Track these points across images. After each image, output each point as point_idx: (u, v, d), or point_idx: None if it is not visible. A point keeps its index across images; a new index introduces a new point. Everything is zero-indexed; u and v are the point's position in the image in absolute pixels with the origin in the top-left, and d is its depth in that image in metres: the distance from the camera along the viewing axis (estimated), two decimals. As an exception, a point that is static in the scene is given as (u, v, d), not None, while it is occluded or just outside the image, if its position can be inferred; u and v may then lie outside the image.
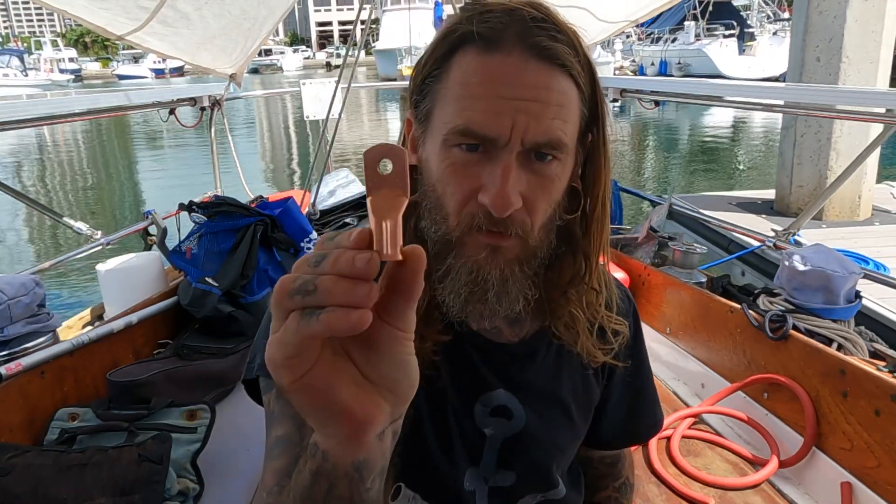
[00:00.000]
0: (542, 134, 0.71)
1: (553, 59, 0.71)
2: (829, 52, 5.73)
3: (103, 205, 11.96)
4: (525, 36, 0.71)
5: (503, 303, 0.77)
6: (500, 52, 0.71)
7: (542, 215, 0.75)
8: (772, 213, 6.33)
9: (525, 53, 0.70)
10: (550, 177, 0.74)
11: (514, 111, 0.70)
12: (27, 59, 58.73)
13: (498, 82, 0.70)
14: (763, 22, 33.28)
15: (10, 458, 1.67)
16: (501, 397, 0.87)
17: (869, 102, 2.87)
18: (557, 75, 0.72)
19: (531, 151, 0.72)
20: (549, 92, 0.71)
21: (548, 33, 0.71)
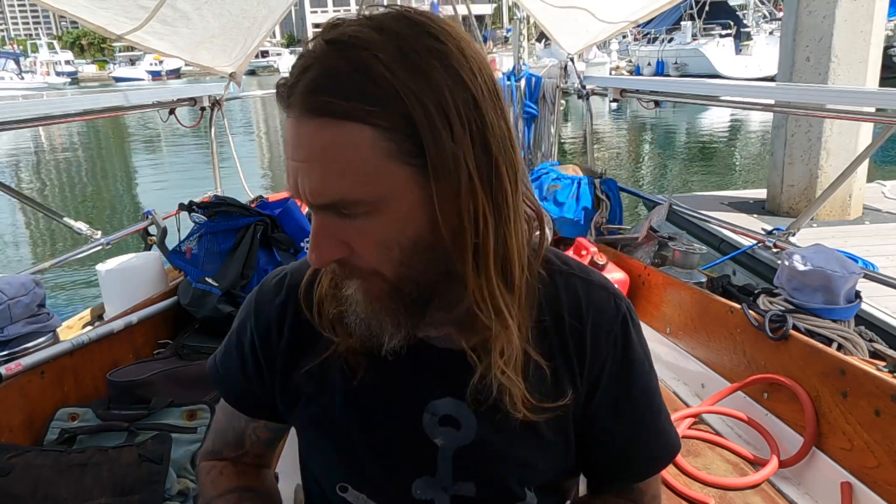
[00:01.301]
0: (319, 196, 0.69)
1: (324, 112, 0.66)
2: (818, 52, 5.76)
3: (102, 206, 11.95)
4: (302, 89, 0.66)
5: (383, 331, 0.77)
6: (287, 112, 0.69)
7: (382, 260, 0.73)
8: (763, 212, 6.34)
9: (299, 110, 0.67)
10: (365, 229, 0.71)
11: (295, 172, 0.69)
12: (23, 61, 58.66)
13: (287, 143, 0.70)
14: (759, 21, 33.34)
15: (10, 458, 1.67)
16: (448, 406, 0.84)
17: (859, 102, 2.88)
18: (329, 127, 0.66)
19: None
20: (319, 150, 0.67)
21: (323, 82, 0.66)
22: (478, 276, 0.74)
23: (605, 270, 3.03)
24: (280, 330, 0.90)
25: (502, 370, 0.77)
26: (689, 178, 12.11)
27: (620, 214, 3.81)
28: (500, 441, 0.84)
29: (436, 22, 0.70)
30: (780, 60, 6.23)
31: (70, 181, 14.53)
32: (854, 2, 5.59)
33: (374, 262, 0.73)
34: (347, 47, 0.66)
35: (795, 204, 6.12)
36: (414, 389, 0.85)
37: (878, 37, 5.79)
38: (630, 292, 3.06)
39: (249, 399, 0.97)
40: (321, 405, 0.89)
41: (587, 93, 4.38)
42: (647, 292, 2.95)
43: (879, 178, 7.31)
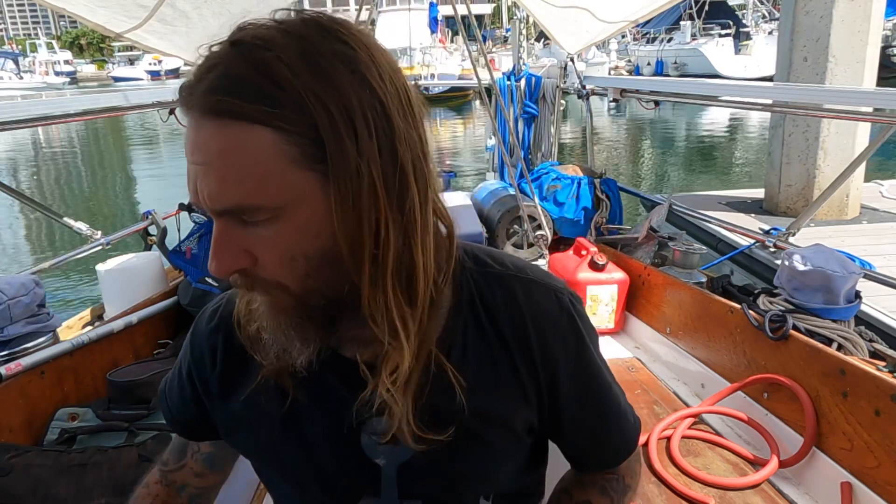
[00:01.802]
0: (218, 202, 0.65)
1: (224, 114, 0.62)
2: (815, 52, 5.77)
3: (102, 206, 11.94)
4: (204, 90, 0.63)
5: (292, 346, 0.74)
6: (187, 113, 0.66)
7: (286, 272, 0.69)
8: (761, 212, 6.34)
9: (199, 111, 0.64)
10: (268, 236, 0.67)
11: (194, 175, 0.66)
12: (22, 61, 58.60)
13: (186, 146, 0.66)
14: (759, 21, 33.33)
15: (10, 458, 1.67)
16: (382, 423, 0.79)
17: (857, 101, 2.89)
18: (229, 128, 0.63)
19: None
20: (217, 153, 0.64)
21: (224, 83, 0.63)
22: (374, 288, 0.70)
23: (604, 270, 3.03)
24: (213, 359, 0.88)
25: (388, 388, 0.74)
26: (688, 178, 12.12)
27: (620, 214, 3.81)
28: (443, 453, 0.80)
29: (347, 28, 0.68)
30: (778, 60, 6.23)
31: (70, 181, 14.53)
32: (851, 2, 5.60)
33: (278, 274, 0.69)
34: (251, 48, 0.64)
35: (793, 204, 6.13)
36: (346, 411, 0.81)
37: (876, 37, 5.80)
38: (630, 292, 3.06)
39: (190, 423, 0.97)
40: (261, 432, 0.86)
41: (587, 93, 4.38)
42: (647, 292, 2.95)
43: (877, 177, 7.31)
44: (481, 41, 11.17)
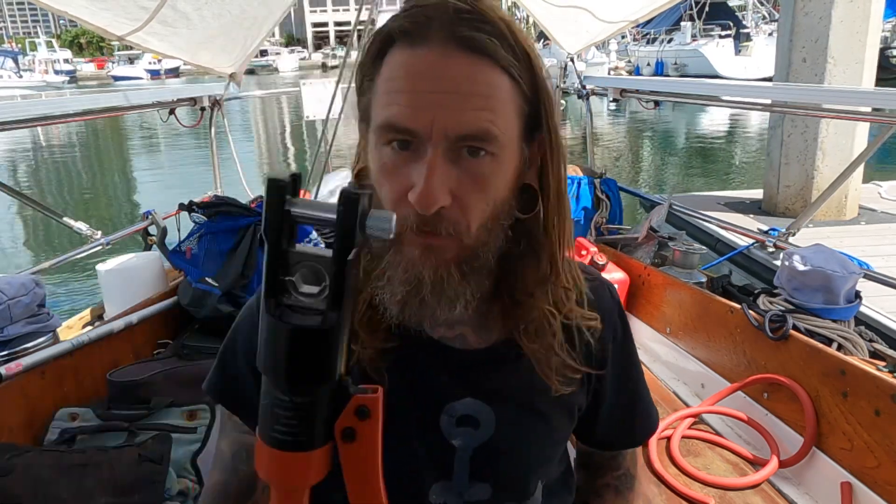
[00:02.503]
0: (466, 125, 0.69)
1: (477, 51, 0.68)
2: (815, 53, 5.79)
3: (102, 206, 11.94)
4: (448, 28, 0.68)
5: (441, 304, 0.74)
6: (422, 46, 0.69)
7: (478, 214, 0.72)
8: (760, 212, 6.35)
9: (447, 46, 0.68)
10: (483, 173, 0.71)
11: (434, 105, 0.68)
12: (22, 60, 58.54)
13: (419, 76, 0.69)
14: (759, 22, 33.32)
15: (10, 458, 1.67)
16: (467, 406, 0.84)
17: (856, 101, 2.89)
18: (483, 66, 0.69)
19: (461, 147, 0.70)
20: (471, 83, 0.69)
21: (472, 24, 0.68)
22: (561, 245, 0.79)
23: (604, 270, 3.03)
24: None
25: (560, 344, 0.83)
26: (688, 178, 12.11)
27: (620, 214, 3.81)
28: (517, 436, 0.86)
29: None
30: (777, 61, 6.25)
31: (69, 181, 14.51)
32: (850, 3, 5.61)
33: (470, 215, 0.72)
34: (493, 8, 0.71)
35: (791, 204, 6.14)
36: (433, 392, 0.84)
37: (874, 38, 5.81)
38: (630, 292, 3.06)
39: None
40: None
41: (587, 93, 4.38)
42: (647, 292, 2.95)
43: (875, 178, 7.32)
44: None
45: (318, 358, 0.48)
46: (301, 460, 0.50)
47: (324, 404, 0.50)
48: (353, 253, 0.47)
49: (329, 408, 0.51)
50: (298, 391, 0.49)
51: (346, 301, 0.47)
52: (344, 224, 0.47)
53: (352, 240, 0.47)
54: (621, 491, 1.05)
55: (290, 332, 0.47)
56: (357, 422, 0.51)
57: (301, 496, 0.52)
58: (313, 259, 0.49)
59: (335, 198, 0.47)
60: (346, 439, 0.51)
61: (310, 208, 0.48)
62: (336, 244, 0.47)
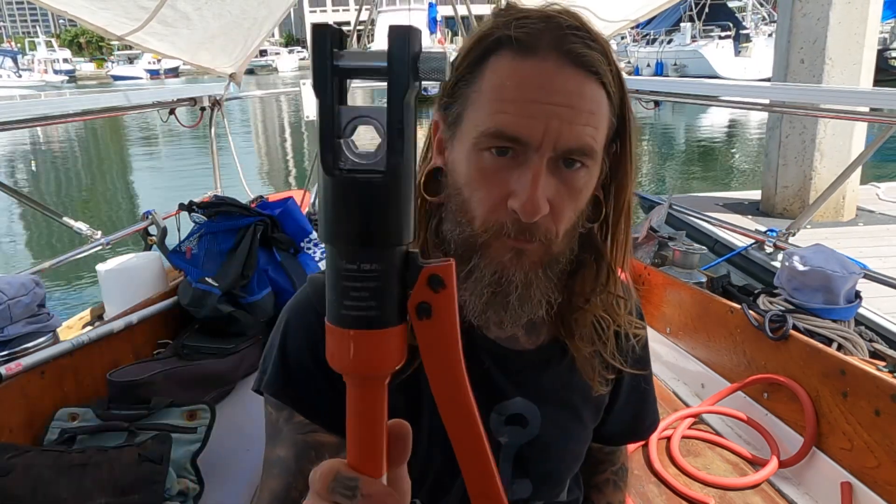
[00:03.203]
0: (575, 140, 0.71)
1: (587, 67, 0.71)
2: (812, 54, 5.80)
3: (102, 206, 11.94)
4: (560, 42, 0.71)
5: (525, 306, 0.76)
6: (535, 57, 0.71)
7: (567, 222, 0.75)
8: (758, 213, 6.36)
9: (560, 60, 0.71)
10: (578, 185, 0.74)
11: (546, 115, 0.70)
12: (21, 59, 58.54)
13: (532, 86, 0.71)
14: (758, 23, 33.36)
15: (10, 458, 1.66)
16: (518, 405, 0.87)
17: (854, 101, 2.89)
18: (590, 83, 0.72)
19: (560, 158, 0.72)
20: (581, 98, 0.71)
21: (583, 41, 0.71)
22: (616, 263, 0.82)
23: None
24: None
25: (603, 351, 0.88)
26: (687, 179, 12.12)
27: (620, 214, 3.80)
28: (558, 434, 0.90)
29: None
30: (775, 62, 6.26)
31: (69, 181, 14.51)
32: (848, 4, 5.62)
33: (560, 224, 0.75)
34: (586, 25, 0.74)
35: (789, 205, 6.14)
36: (487, 390, 0.86)
37: (872, 39, 5.83)
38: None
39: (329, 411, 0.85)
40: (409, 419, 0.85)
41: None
42: (647, 292, 2.95)
43: (873, 179, 7.32)
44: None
45: (384, 216, 0.44)
46: (378, 338, 0.45)
47: (395, 274, 0.46)
48: (409, 94, 0.43)
49: (400, 283, 0.46)
50: (366, 257, 0.44)
51: (407, 149, 0.43)
52: (396, 62, 0.42)
53: (406, 80, 0.43)
54: (619, 485, 1.10)
55: (351, 188, 0.43)
56: (432, 294, 0.47)
57: (380, 387, 0.48)
58: (367, 113, 0.45)
59: None
60: (421, 315, 0.47)
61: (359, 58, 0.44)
62: (390, 87, 0.43)
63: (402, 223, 0.45)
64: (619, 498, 1.10)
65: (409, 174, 0.44)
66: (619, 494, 1.10)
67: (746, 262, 4.43)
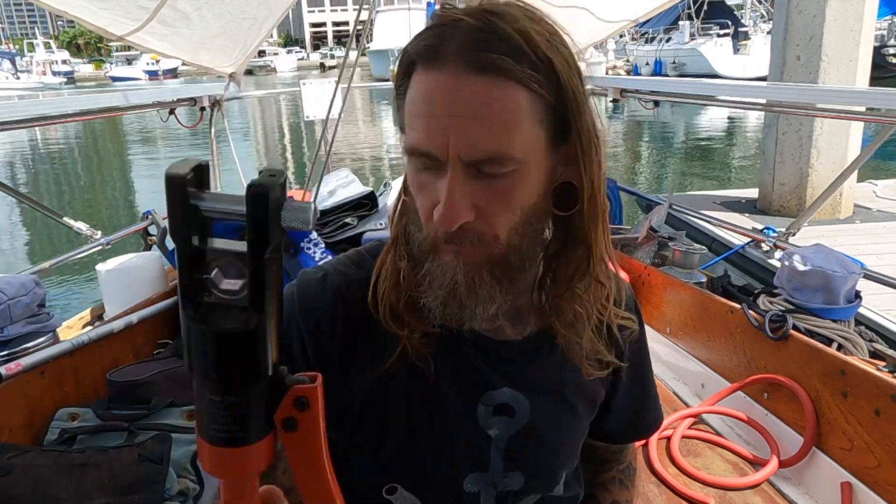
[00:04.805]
0: (478, 150, 0.70)
1: (490, 70, 0.69)
2: (809, 51, 5.80)
3: (102, 206, 11.93)
4: (462, 49, 0.69)
5: (479, 307, 0.77)
6: (438, 69, 0.70)
7: (504, 223, 0.75)
8: (755, 211, 6.36)
9: (461, 68, 0.69)
10: (505, 188, 0.73)
11: (447, 129, 0.70)
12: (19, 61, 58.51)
13: (434, 101, 0.70)
14: (757, 21, 33.37)
15: (10, 458, 1.67)
16: (505, 395, 0.87)
17: (851, 101, 2.89)
18: (498, 86, 0.69)
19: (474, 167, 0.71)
20: (486, 106, 0.69)
21: (486, 44, 0.69)
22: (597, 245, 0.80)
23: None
24: (332, 331, 0.87)
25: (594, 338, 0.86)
26: (686, 178, 12.12)
27: (620, 214, 3.81)
28: (549, 425, 0.90)
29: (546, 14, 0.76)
30: (772, 59, 6.26)
31: (69, 181, 14.50)
32: (844, 1, 5.62)
33: (497, 225, 0.74)
34: (502, 15, 0.70)
35: (786, 203, 6.15)
36: (473, 381, 0.87)
37: (868, 36, 5.83)
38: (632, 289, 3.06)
39: None
40: (384, 408, 0.87)
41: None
42: (647, 292, 2.95)
43: (870, 177, 7.33)
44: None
45: (245, 359, 0.47)
46: (241, 455, 0.50)
47: (259, 399, 0.50)
48: (270, 249, 0.44)
49: (267, 400, 0.50)
50: (229, 392, 0.48)
51: (268, 298, 0.45)
52: (255, 218, 0.44)
53: (266, 234, 0.44)
54: (626, 484, 1.10)
55: (213, 336, 0.46)
56: (297, 412, 0.51)
57: (249, 484, 0.52)
58: (231, 255, 0.46)
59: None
60: (287, 429, 0.51)
61: (217, 201, 0.45)
62: (249, 240, 0.44)
63: (262, 362, 0.48)
64: (626, 497, 1.10)
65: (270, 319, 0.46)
66: (626, 493, 1.10)
67: (743, 261, 4.43)
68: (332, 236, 3.29)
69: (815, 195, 5.58)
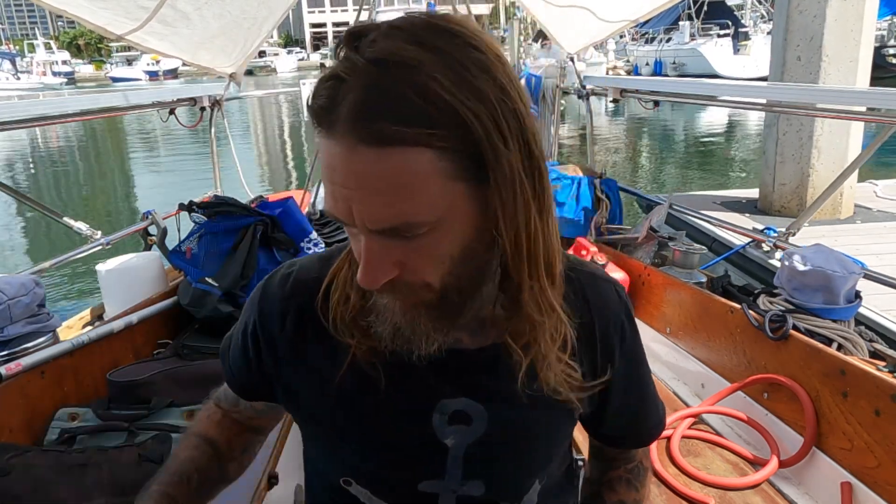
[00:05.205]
0: (380, 222, 0.66)
1: (382, 142, 0.62)
2: (809, 52, 5.80)
3: (102, 206, 11.93)
4: (350, 118, 0.63)
5: (423, 339, 0.76)
6: (331, 136, 0.65)
7: (432, 272, 0.72)
8: (756, 211, 6.37)
9: (352, 139, 0.63)
10: (426, 245, 0.70)
11: (349, 199, 0.66)
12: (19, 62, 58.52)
13: (333, 168, 0.66)
14: (757, 21, 33.37)
15: (10, 458, 1.66)
16: (460, 403, 0.85)
17: (851, 101, 2.89)
18: (391, 155, 0.63)
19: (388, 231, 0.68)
20: (379, 178, 0.64)
21: (377, 108, 0.62)
22: (531, 280, 0.75)
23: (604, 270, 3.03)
24: (282, 323, 0.89)
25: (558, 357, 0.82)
26: (687, 178, 12.12)
27: (620, 214, 3.81)
28: (511, 436, 0.87)
29: (470, 29, 0.68)
30: (772, 59, 6.27)
31: (69, 181, 14.51)
32: (844, 1, 5.63)
33: (425, 276, 0.72)
34: (397, 67, 0.63)
35: (787, 203, 6.15)
36: (427, 390, 0.85)
37: (869, 36, 5.83)
38: (630, 292, 3.06)
39: (248, 385, 1.00)
40: (327, 405, 0.88)
41: (587, 93, 4.39)
42: (647, 292, 2.95)
43: (870, 177, 7.33)
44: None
45: None
46: None
47: None
48: None
49: None
50: None
51: None
52: None
53: None
54: (633, 483, 1.07)
55: None
56: None
57: None
58: None
59: None
60: None
61: None
62: None
63: None
64: (634, 497, 1.07)
65: None
66: (634, 494, 1.07)
67: (744, 261, 4.43)
68: (332, 236, 3.29)
69: (816, 195, 5.56)
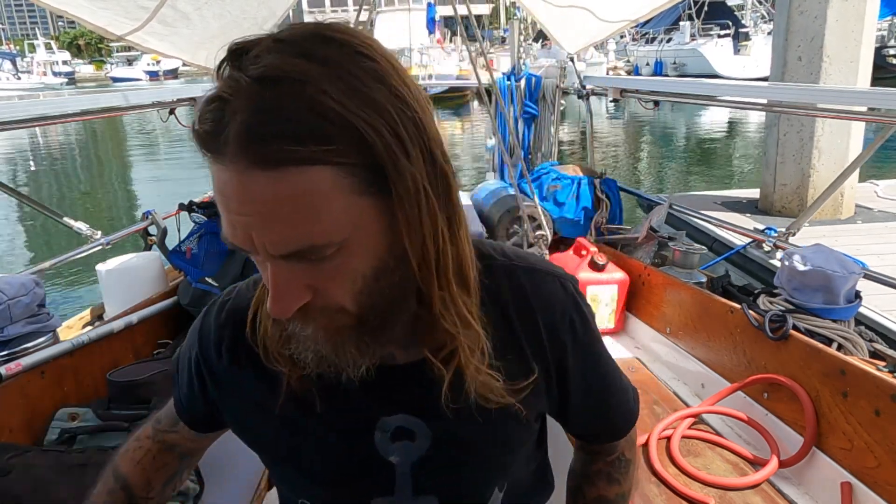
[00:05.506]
0: (280, 247, 0.63)
1: (275, 164, 0.59)
2: (810, 52, 5.80)
3: (102, 206, 11.93)
4: (239, 140, 0.59)
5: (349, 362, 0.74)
6: (220, 161, 0.61)
7: (345, 294, 0.69)
8: (756, 211, 6.36)
9: (243, 164, 0.59)
10: (334, 267, 0.66)
11: (247, 226, 0.63)
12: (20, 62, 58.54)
13: (227, 195, 0.62)
14: (757, 21, 33.33)
15: (10, 458, 1.66)
16: (399, 419, 0.83)
17: (851, 101, 2.89)
18: (288, 178, 0.59)
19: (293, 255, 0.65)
20: (274, 203, 0.60)
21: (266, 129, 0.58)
22: (441, 291, 0.72)
23: (604, 270, 3.04)
24: (219, 352, 0.87)
25: (477, 368, 0.78)
26: (687, 178, 12.12)
27: (620, 214, 3.81)
28: (457, 448, 0.84)
29: (360, 37, 0.65)
30: (773, 60, 6.26)
31: (69, 181, 14.52)
32: (845, 2, 5.62)
33: (339, 297, 0.69)
34: (284, 83, 0.59)
35: (788, 203, 6.14)
36: (364, 409, 0.83)
37: (869, 37, 5.82)
38: (630, 292, 3.06)
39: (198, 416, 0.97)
40: (270, 432, 0.87)
41: (587, 93, 4.39)
42: (647, 292, 2.95)
43: (871, 177, 7.33)
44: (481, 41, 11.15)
45: None
46: None
47: None
48: None
49: None
50: None
51: None
52: None
53: None
54: (614, 477, 1.04)
55: None
56: None
57: None
58: None
59: None
60: None
61: None
62: None
63: None
64: (616, 491, 1.04)
65: None
66: (617, 488, 1.03)
67: (744, 261, 4.43)
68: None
69: (817, 195, 5.56)
